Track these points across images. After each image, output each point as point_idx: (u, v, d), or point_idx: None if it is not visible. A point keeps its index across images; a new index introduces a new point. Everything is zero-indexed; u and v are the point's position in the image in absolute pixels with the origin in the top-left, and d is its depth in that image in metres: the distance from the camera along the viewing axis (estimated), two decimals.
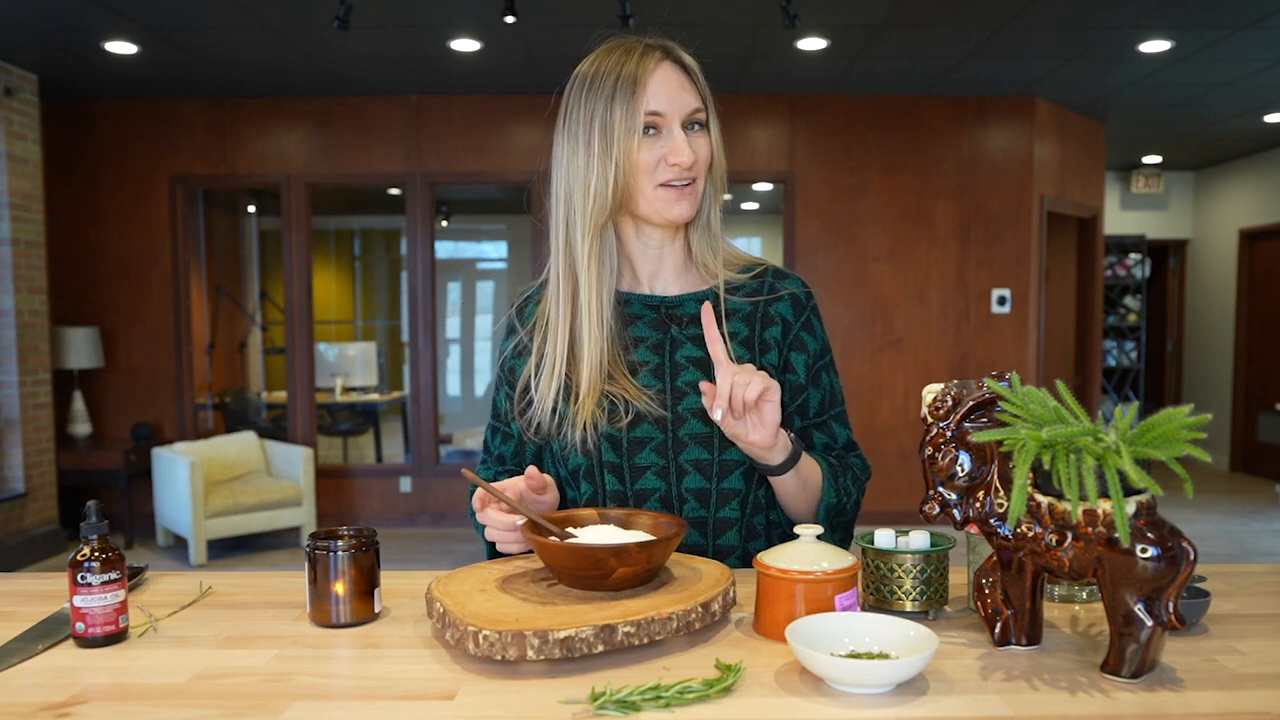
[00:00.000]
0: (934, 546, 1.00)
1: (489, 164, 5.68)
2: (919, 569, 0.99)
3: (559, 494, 1.21)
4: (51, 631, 0.95)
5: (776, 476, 1.14)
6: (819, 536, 0.98)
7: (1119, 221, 8.00)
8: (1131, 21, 4.32)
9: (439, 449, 5.98)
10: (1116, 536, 0.80)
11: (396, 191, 5.99)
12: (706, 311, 1.09)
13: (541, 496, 1.11)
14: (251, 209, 7.98)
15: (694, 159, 1.15)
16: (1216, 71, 5.08)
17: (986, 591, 0.91)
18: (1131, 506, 0.80)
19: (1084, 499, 0.79)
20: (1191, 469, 7.08)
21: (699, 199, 1.19)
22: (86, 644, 0.92)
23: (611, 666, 0.84)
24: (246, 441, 5.52)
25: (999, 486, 0.89)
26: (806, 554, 0.93)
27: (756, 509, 1.21)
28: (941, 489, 0.90)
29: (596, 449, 1.18)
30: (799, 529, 0.96)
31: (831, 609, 0.90)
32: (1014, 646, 0.90)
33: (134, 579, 1.11)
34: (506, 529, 1.06)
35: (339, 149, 5.73)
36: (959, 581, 1.10)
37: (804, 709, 0.76)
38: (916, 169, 5.76)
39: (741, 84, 5.47)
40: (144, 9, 4.12)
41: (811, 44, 4.72)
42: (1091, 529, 0.82)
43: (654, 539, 0.95)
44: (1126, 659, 0.80)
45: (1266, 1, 4.03)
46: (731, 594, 0.96)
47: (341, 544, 0.96)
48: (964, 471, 0.89)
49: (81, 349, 5.48)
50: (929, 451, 0.91)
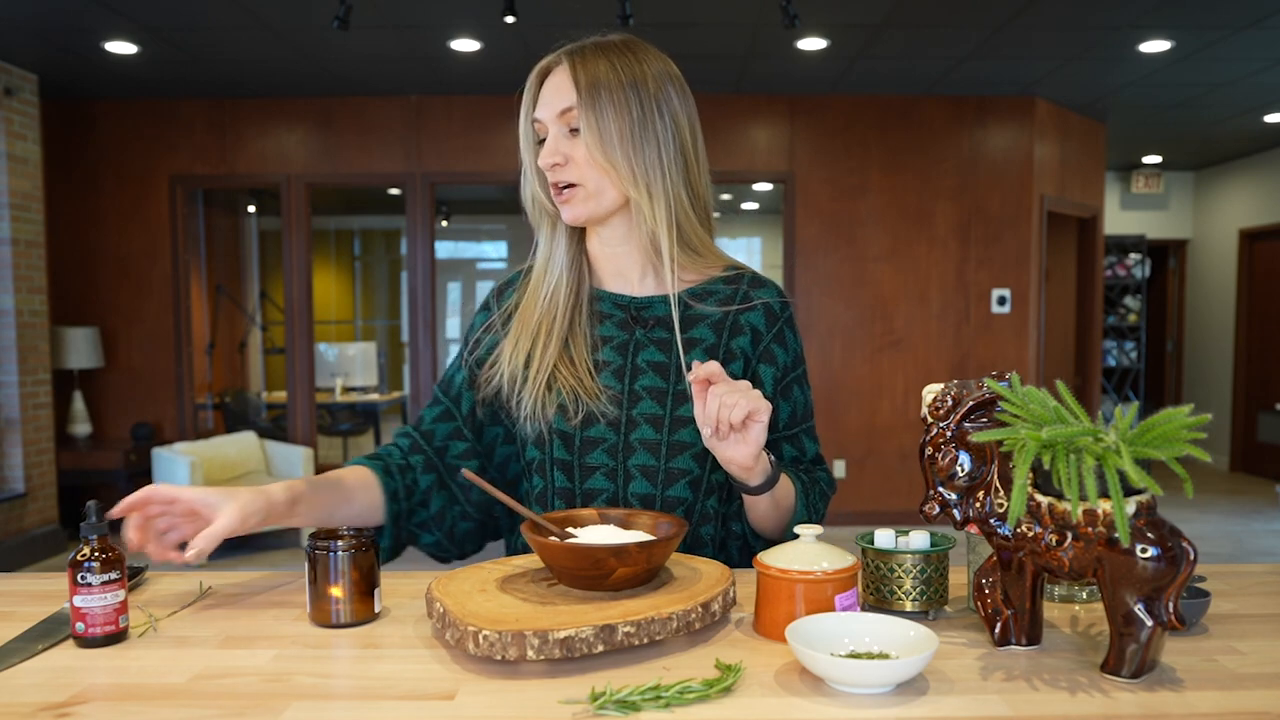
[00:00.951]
0: (934, 546, 1.00)
1: (489, 164, 5.68)
2: (919, 569, 0.99)
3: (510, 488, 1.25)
4: (51, 631, 0.95)
5: (751, 496, 1.12)
6: (818, 537, 0.98)
7: (1119, 221, 8.00)
8: (1131, 21, 4.32)
9: None
10: (1116, 536, 0.80)
11: (396, 191, 6.00)
12: (695, 374, 1.03)
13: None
14: (251, 209, 7.98)
15: (556, 160, 1.15)
16: (1216, 71, 5.08)
17: (986, 591, 0.91)
18: (1131, 506, 0.80)
19: (1084, 499, 0.79)
20: (1191, 469, 7.08)
21: (591, 201, 1.16)
22: (86, 644, 0.92)
23: (611, 666, 0.84)
24: (246, 441, 5.52)
25: (999, 486, 0.89)
26: (806, 554, 0.93)
27: (704, 519, 1.18)
28: (941, 489, 0.90)
29: (549, 444, 1.18)
30: (799, 529, 0.96)
31: (831, 609, 0.90)
32: (1014, 646, 0.90)
33: (134, 579, 1.11)
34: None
35: (339, 149, 5.73)
36: (959, 581, 1.10)
37: (804, 709, 0.76)
38: (916, 169, 5.76)
39: (741, 84, 5.47)
40: (144, 9, 4.12)
41: (811, 44, 4.72)
42: (1091, 529, 0.82)
43: (654, 539, 0.95)
44: (1126, 659, 0.80)
45: (1266, 1, 4.03)
46: (731, 594, 0.96)
47: (341, 544, 0.96)
48: (964, 471, 0.89)
49: (81, 349, 5.48)
50: (929, 451, 0.91)
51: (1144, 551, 0.79)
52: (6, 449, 4.97)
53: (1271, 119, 6.22)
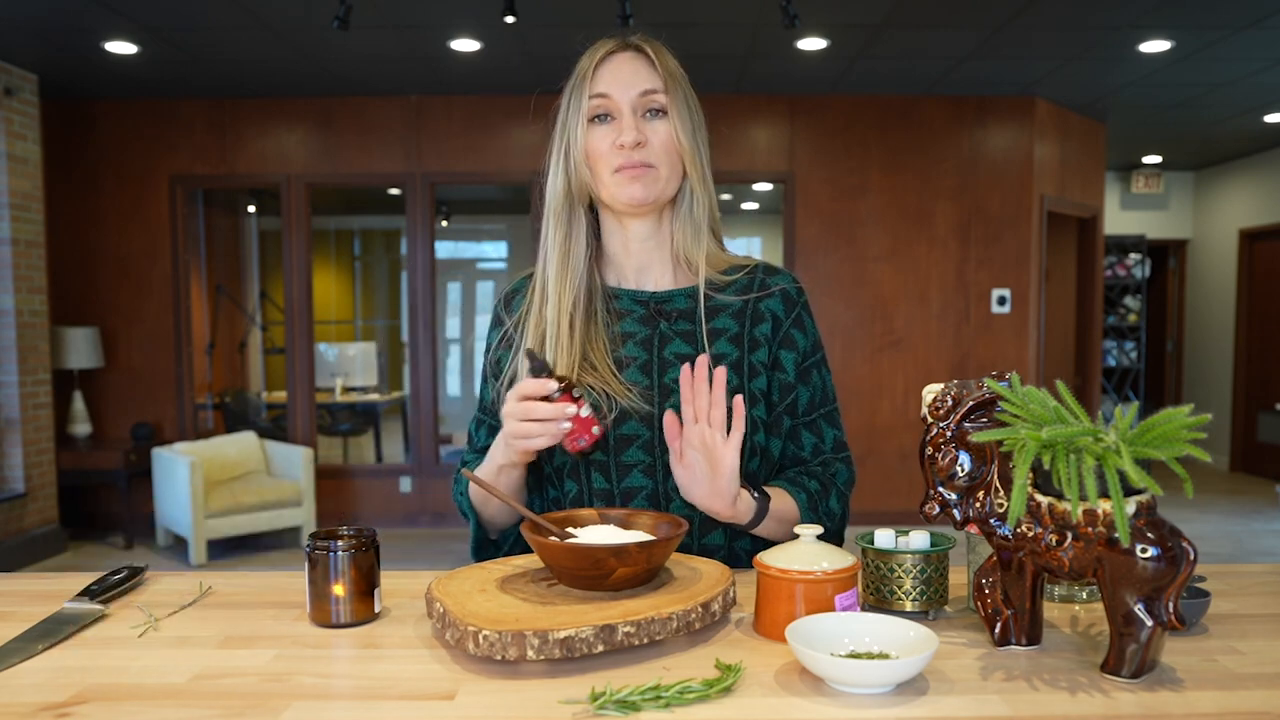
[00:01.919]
0: (934, 546, 1.00)
1: (489, 164, 5.68)
2: (919, 569, 0.99)
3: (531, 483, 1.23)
4: (51, 631, 0.95)
5: (749, 530, 1.14)
6: (819, 537, 0.98)
7: (1119, 221, 8.00)
8: (1131, 21, 4.32)
9: (439, 449, 5.98)
10: (1116, 536, 0.80)
11: (396, 191, 5.99)
12: (684, 375, 1.08)
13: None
14: (251, 209, 7.98)
15: (640, 140, 1.15)
16: (1216, 71, 5.08)
17: (986, 591, 0.91)
18: (1131, 506, 0.80)
19: (1084, 499, 0.79)
20: (1191, 469, 7.08)
21: (661, 184, 1.18)
22: (588, 452, 1.11)
23: (611, 666, 0.84)
24: (246, 441, 5.52)
25: (999, 486, 0.89)
26: (806, 554, 0.93)
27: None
28: (941, 489, 0.90)
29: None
30: (798, 529, 0.96)
31: (831, 609, 0.90)
32: (1014, 646, 0.90)
33: (134, 579, 1.11)
34: (550, 418, 1.06)
35: (339, 149, 5.73)
36: (959, 581, 1.10)
37: (804, 709, 0.76)
38: (916, 169, 5.76)
39: (741, 84, 5.47)
40: (144, 9, 4.12)
41: (811, 44, 4.72)
42: (1091, 529, 0.82)
43: (654, 539, 0.95)
44: (1126, 659, 0.80)
45: (1267, 1, 4.03)
46: (731, 594, 0.96)
47: (341, 544, 0.96)
48: (964, 471, 0.89)
49: (81, 349, 5.48)
50: (929, 451, 0.91)
51: (1144, 551, 0.79)
52: (6, 449, 4.97)
53: (1271, 119, 6.22)
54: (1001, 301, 5.78)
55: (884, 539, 1.02)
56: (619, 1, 3.57)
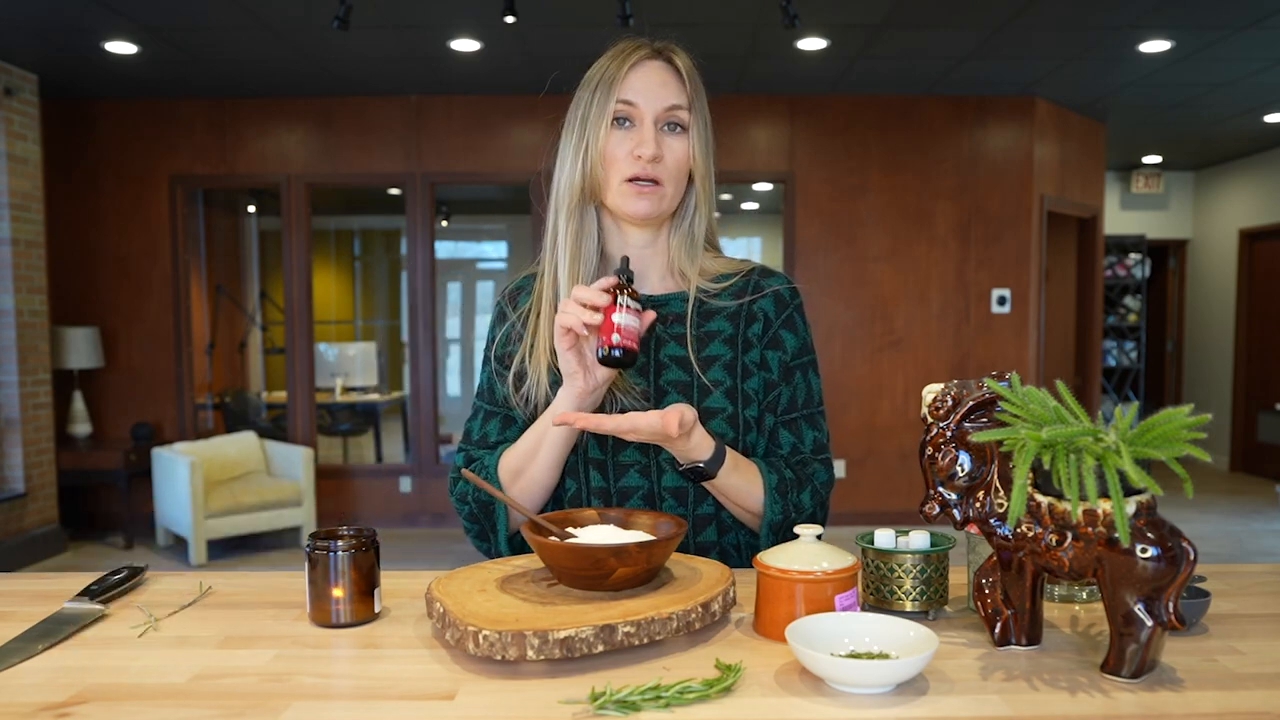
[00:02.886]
0: (934, 546, 1.00)
1: (489, 164, 5.68)
2: (919, 569, 0.99)
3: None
4: (51, 631, 0.95)
5: (711, 479, 1.14)
6: (818, 537, 0.98)
7: (1119, 221, 8.00)
8: (1131, 21, 4.32)
9: (439, 449, 5.98)
10: (1116, 536, 0.80)
11: (396, 191, 5.99)
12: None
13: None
14: (251, 209, 7.98)
15: (657, 154, 1.15)
16: (1216, 71, 5.08)
17: (986, 591, 0.91)
18: (1131, 506, 0.80)
19: (1084, 499, 0.79)
20: (1191, 469, 7.08)
21: (665, 201, 1.19)
22: (610, 360, 1.06)
23: (611, 666, 0.84)
24: (246, 441, 5.52)
25: (999, 486, 0.89)
26: (806, 554, 0.93)
27: None
28: (941, 489, 0.90)
29: (583, 444, 1.19)
30: (798, 529, 0.97)
31: (831, 609, 0.90)
32: (1014, 646, 0.90)
33: (134, 579, 1.11)
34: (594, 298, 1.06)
35: (339, 149, 5.73)
36: (959, 581, 1.10)
37: (804, 709, 0.76)
38: (916, 169, 5.76)
39: (741, 84, 5.47)
40: (144, 9, 4.12)
41: (811, 44, 4.72)
42: (1091, 529, 0.82)
43: (654, 539, 0.95)
44: (1126, 659, 0.80)
45: (1267, 1, 4.03)
46: (731, 594, 0.96)
47: (341, 544, 0.96)
48: (964, 471, 0.89)
49: (81, 349, 5.48)
50: (929, 451, 0.91)
51: (1144, 551, 0.79)
52: (6, 449, 4.97)
53: (1271, 119, 6.21)
54: (1001, 301, 5.78)
55: (884, 539, 1.02)
56: (619, 1, 3.57)
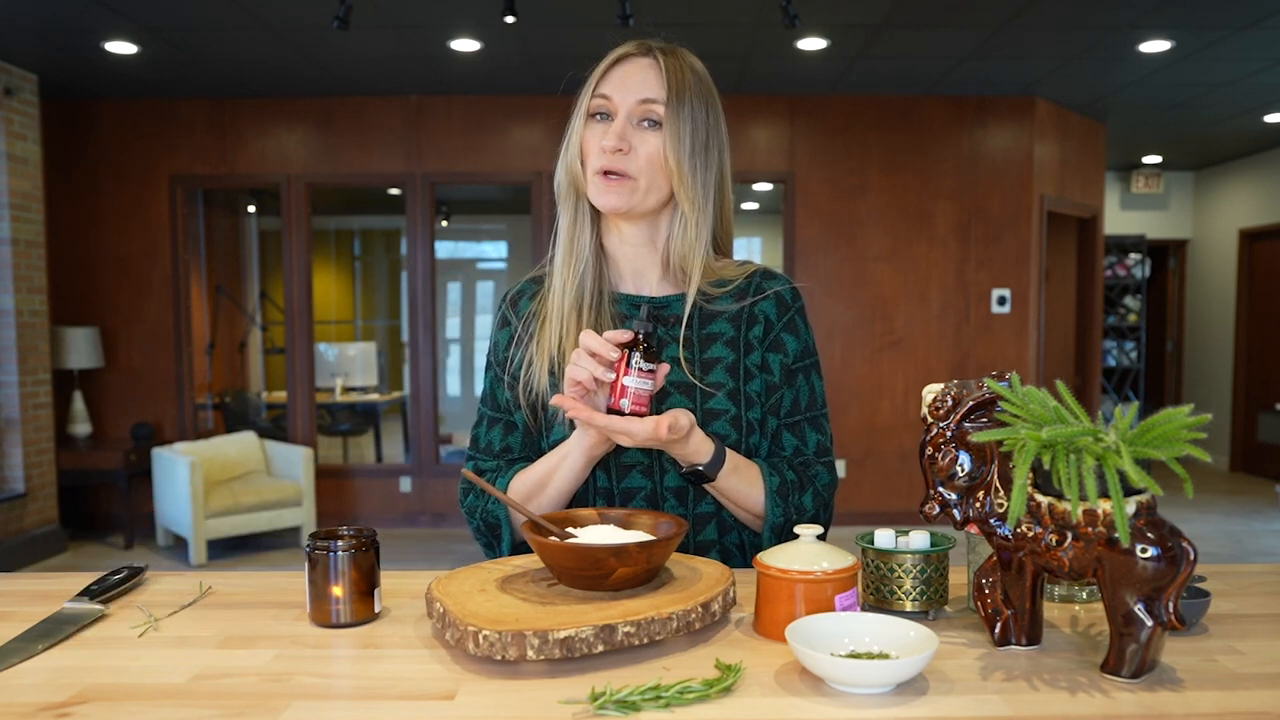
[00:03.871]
0: (934, 546, 1.00)
1: (489, 164, 5.68)
2: (919, 569, 0.99)
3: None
4: (51, 631, 0.95)
5: (711, 481, 1.14)
6: (819, 537, 0.98)
7: (1119, 221, 8.00)
8: (1131, 21, 4.32)
9: (439, 449, 5.98)
10: (1116, 536, 0.80)
11: (396, 191, 5.99)
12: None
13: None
14: (251, 209, 7.98)
15: (620, 146, 1.14)
16: (1216, 71, 5.08)
17: (986, 591, 0.91)
18: (1131, 506, 0.80)
19: (1084, 499, 0.79)
20: (1191, 469, 7.08)
21: (638, 195, 1.17)
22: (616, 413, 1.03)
23: (611, 666, 0.84)
24: (246, 441, 5.52)
25: (999, 486, 0.89)
26: (806, 554, 0.93)
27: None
28: (941, 489, 0.90)
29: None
30: (799, 529, 0.96)
31: (831, 609, 0.90)
32: (1014, 646, 0.90)
33: (134, 579, 1.11)
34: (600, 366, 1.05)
35: (339, 149, 5.73)
36: (959, 581, 1.10)
37: (804, 709, 0.76)
38: (916, 169, 5.76)
39: (741, 84, 5.47)
40: (144, 9, 4.12)
41: (811, 44, 4.71)
42: (1091, 529, 0.82)
43: (654, 539, 0.95)
44: (1126, 659, 0.80)
45: (1267, 1, 4.03)
46: (731, 594, 0.96)
47: (341, 544, 0.96)
48: (964, 471, 0.89)
49: (81, 349, 5.48)
50: (929, 451, 0.91)
51: (1144, 551, 0.79)
52: (6, 449, 4.97)
53: (1271, 119, 6.21)
54: (1001, 301, 5.78)
55: (884, 539, 1.02)
56: (619, 1, 3.57)
